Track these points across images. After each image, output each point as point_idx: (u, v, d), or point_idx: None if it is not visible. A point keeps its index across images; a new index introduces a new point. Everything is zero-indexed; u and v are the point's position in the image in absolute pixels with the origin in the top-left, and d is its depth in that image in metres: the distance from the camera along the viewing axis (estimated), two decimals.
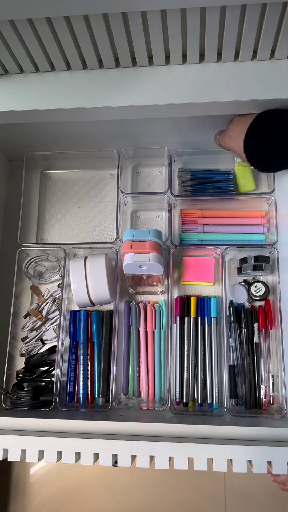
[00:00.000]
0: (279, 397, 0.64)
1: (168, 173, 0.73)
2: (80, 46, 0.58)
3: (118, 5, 0.50)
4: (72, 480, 1.03)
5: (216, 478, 1.00)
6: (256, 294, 0.69)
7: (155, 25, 0.54)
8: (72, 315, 0.72)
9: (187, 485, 1.00)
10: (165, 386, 0.67)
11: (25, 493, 1.03)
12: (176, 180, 0.76)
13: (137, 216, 0.78)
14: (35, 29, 0.55)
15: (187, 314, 0.69)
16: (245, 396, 0.65)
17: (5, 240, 0.79)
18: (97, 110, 0.61)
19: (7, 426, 0.57)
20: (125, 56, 0.60)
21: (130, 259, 0.59)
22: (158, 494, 1.00)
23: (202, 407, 0.66)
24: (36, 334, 0.73)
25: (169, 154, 0.74)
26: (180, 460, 0.51)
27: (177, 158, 0.78)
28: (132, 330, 0.70)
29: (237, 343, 0.67)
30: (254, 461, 0.50)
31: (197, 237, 0.73)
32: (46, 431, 0.56)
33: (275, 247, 0.69)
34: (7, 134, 0.72)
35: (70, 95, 0.62)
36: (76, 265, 0.68)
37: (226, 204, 0.74)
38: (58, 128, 0.70)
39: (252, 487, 0.99)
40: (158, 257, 0.59)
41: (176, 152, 0.76)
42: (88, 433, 0.55)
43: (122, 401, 0.68)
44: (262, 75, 0.59)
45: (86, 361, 0.69)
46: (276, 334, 0.67)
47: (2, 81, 0.64)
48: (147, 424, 0.56)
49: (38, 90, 0.63)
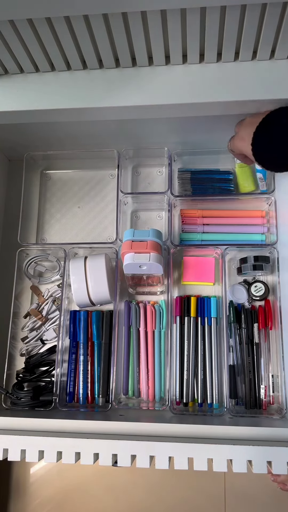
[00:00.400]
0: (279, 397, 0.64)
1: (168, 173, 0.73)
2: (80, 46, 0.58)
3: (118, 5, 0.50)
4: (72, 480, 1.03)
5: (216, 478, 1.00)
6: (256, 294, 0.69)
7: (155, 25, 0.54)
8: (72, 315, 0.72)
9: (187, 485, 1.00)
10: (165, 386, 0.67)
11: (25, 493, 1.03)
12: (176, 180, 0.76)
13: (137, 216, 0.78)
14: (35, 29, 0.55)
15: (187, 314, 0.69)
16: (245, 396, 0.65)
17: (5, 240, 0.79)
18: (97, 110, 0.61)
19: (7, 426, 0.57)
20: (125, 56, 0.60)
21: (130, 259, 0.59)
22: (158, 494, 1.00)
23: (202, 407, 0.66)
24: (36, 334, 0.73)
25: (169, 154, 0.74)
26: (180, 460, 0.51)
27: (177, 158, 0.78)
28: (132, 330, 0.70)
29: (237, 343, 0.67)
30: (254, 461, 0.50)
31: (197, 237, 0.73)
32: (46, 431, 0.56)
33: (275, 247, 0.69)
34: (7, 134, 0.72)
35: (70, 95, 0.62)
36: (76, 265, 0.68)
37: (226, 204, 0.74)
38: (58, 128, 0.70)
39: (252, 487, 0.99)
40: (158, 257, 0.59)
41: (176, 152, 0.76)
42: (88, 433, 0.55)
43: (122, 401, 0.68)
44: (262, 75, 0.59)
45: (86, 361, 0.69)
46: (276, 334, 0.67)
47: (2, 81, 0.64)
48: (147, 424, 0.56)
49: (38, 90, 0.63)
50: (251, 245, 0.71)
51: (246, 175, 0.73)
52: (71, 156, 0.80)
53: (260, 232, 0.72)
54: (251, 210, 0.74)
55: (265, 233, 0.72)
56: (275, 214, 0.70)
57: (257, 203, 0.74)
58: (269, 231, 0.72)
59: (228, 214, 0.74)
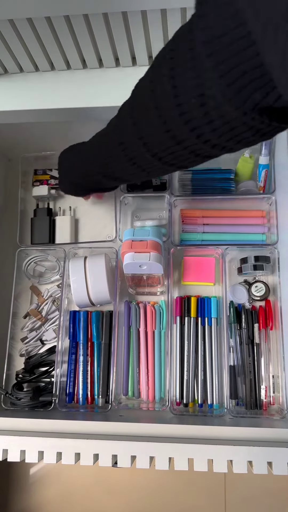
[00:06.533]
0: (279, 398, 0.64)
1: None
2: (80, 46, 0.58)
3: (118, 5, 0.50)
4: (72, 480, 1.02)
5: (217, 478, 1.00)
6: (256, 294, 0.69)
7: (155, 25, 0.54)
8: (72, 316, 0.71)
9: (187, 485, 1.00)
10: (165, 386, 0.67)
11: (25, 493, 1.02)
12: (176, 180, 0.76)
13: (137, 216, 0.77)
14: (35, 29, 0.55)
15: (187, 315, 0.68)
16: (245, 396, 0.65)
17: (4, 240, 0.79)
18: (97, 110, 0.61)
19: (7, 426, 0.57)
20: (125, 56, 0.60)
21: (130, 259, 0.59)
22: (158, 495, 1.00)
23: (202, 408, 0.66)
24: (35, 334, 0.73)
25: None
26: (180, 460, 0.51)
27: None
28: (132, 331, 0.70)
29: (237, 344, 0.67)
30: (255, 461, 0.50)
31: (197, 237, 0.73)
32: (46, 431, 0.56)
33: (275, 247, 0.69)
34: (7, 134, 0.72)
35: (70, 95, 0.62)
36: (76, 265, 0.68)
37: (226, 204, 0.74)
38: (58, 128, 0.70)
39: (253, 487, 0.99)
40: (158, 256, 0.59)
41: None
42: (88, 433, 0.55)
43: (122, 402, 0.68)
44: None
45: (86, 361, 0.69)
46: (276, 335, 0.67)
47: (2, 81, 0.64)
48: (147, 424, 0.56)
49: (38, 90, 0.63)
50: (251, 245, 0.71)
51: (246, 169, 0.73)
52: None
53: (260, 232, 0.72)
54: (252, 210, 0.73)
55: (266, 233, 0.72)
56: (276, 214, 0.70)
57: (258, 203, 0.73)
58: (269, 231, 0.72)
59: (229, 214, 0.74)
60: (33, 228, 0.77)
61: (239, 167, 0.74)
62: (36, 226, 0.77)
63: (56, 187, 0.78)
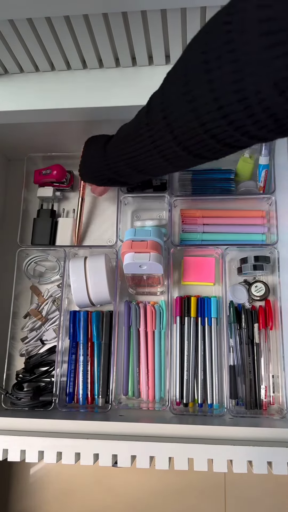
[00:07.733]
0: (279, 398, 0.64)
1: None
2: (80, 46, 0.58)
3: (118, 5, 0.50)
4: (72, 480, 1.02)
5: (216, 478, 1.00)
6: (256, 294, 0.69)
7: (155, 25, 0.54)
8: (72, 316, 0.71)
9: (187, 485, 1.00)
10: (165, 386, 0.67)
11: (25, 493, 1.02)
12: (176, 180, 0.76)
13: (137, 216, 0.77)
14: (35, 29, 0.55)
15: (187, 314, 0.69)
16: (245, 396, 0.65)
17: (4, 240, 0.79)
18: (97, 110, 0.61)
19: (7, 426, 0.57)
20: (125, 56, 0.60)
21: (130, 259, 0.59)
22: (158, 495, 1.00)
23: (202, 408, 0.66)
24: (36, 334, 0.73)
25: None
26: (180, 460, 0.51)
27: None
28: (132, 330, 0.70)
29: (237, 343, 0.67)
30: (254, 461, 0.50)
31: (197, 237, 0.73)
32: (46, 431, 0.56)
33: (275, 247, 0.69)
34: (7, 134, 0.72)
35: (70, 95, 0.62)
36: (76, 265, 0.68)
37: (226, 204, 0.74)
38: (58, 128, 0.70)
39: (253, 487, 0.99)
40: (158, 256, 0.59)
41: None
42: (88, 433, 0.55)
43: (122, 402, 0.68)
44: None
45: (86, 361, 0.69)
46: (276, 334, 0.67)
47: (2, 81, 0.64)
48: (147, 424, 0.56)
49: (38, 90, 0.63)
50: (251, 245, 0.71)
51: (246, 169, 0.73)
52: (71, 157, 0.79)
53: (260, 232, 0.72)
54: (252, 210, 0.73)
55: (266, 233, 0.72)
56: (276, 214, 0.70)
57: (258, 203, 0.74)
58: (269, 231, 0.72)
59: (229, 214, 0.74)
60: (35, 228, 0.77)
61: (239, 167, 0.74)
62: (38, 227, 0.77)
63: (61, 189, 0.79)
